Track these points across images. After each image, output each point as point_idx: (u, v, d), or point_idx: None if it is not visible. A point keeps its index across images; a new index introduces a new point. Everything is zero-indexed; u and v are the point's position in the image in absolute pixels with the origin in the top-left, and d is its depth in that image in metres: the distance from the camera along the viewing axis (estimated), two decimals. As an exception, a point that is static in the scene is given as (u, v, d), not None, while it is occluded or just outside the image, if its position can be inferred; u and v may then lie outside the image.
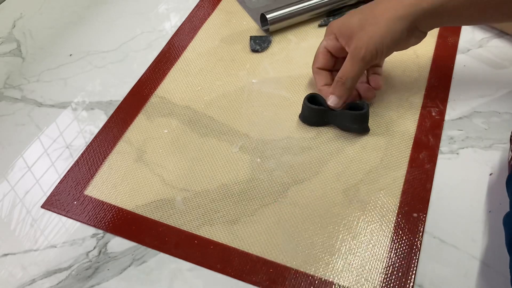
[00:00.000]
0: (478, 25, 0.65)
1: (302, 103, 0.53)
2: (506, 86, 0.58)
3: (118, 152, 0.53)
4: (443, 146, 0.52)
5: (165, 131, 0.54)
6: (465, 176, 0.50)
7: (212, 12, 0.69)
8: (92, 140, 0.54)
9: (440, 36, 0.64)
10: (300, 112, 0.55)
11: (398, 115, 0.55)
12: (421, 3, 0.47)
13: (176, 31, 0.66)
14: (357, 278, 0.43)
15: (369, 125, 0.53)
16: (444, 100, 0.56)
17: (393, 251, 0.44)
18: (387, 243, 0.45)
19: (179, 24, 0.67)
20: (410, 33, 0.49)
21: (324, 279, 0.43)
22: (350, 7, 0.68)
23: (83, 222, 0.47)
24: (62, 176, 0.51)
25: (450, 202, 0.48)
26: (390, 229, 0.46)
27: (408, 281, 0.42)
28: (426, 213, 0.47)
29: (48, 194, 0.49)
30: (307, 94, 0.53)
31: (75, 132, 0.55)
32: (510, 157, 0.47)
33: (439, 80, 0.58)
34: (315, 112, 0.53)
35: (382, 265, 0.43)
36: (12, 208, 0.49)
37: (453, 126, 0.54)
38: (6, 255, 0.45)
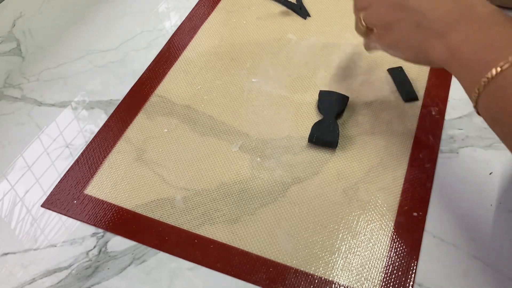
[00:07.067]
0: None
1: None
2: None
3: (118, 151, 0.53)
4: (443, 145, 0.52)
5: (165, 130, 0.54)
6: (465, 175, 0.50)
7: (212, 11, 0.68)
8: (92, 139, 0.54)
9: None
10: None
11: (398, 114, 0.55)
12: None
13: (176, 30, 0.66)
14: (357, 277, 0.43)
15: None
16: (444, 99, 0.56)
17: (393, 250, 0.44)
18: (387, 242, 0.45)
19: (179, 23, 0.67)
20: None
21: (324, 278, 0.43)
22: None
23: (83, 221, 0.47)
24: (62, 175, 0.51)
25: (450, 201, 0.48)
26: (390, 228, 0.46)
27: (408, 280, 0.42)
28: (426, 212, 0.47)
29: (48, 193, 0.49)
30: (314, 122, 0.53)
31: (75, 131, 0.55)
32: None
33: (440, 79, 0.58)
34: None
35: (382, 264, 0.43)
36: (12, 207, 0.49)
37: (453, 125, 0.54)
38: (6, 254, 0.45)
